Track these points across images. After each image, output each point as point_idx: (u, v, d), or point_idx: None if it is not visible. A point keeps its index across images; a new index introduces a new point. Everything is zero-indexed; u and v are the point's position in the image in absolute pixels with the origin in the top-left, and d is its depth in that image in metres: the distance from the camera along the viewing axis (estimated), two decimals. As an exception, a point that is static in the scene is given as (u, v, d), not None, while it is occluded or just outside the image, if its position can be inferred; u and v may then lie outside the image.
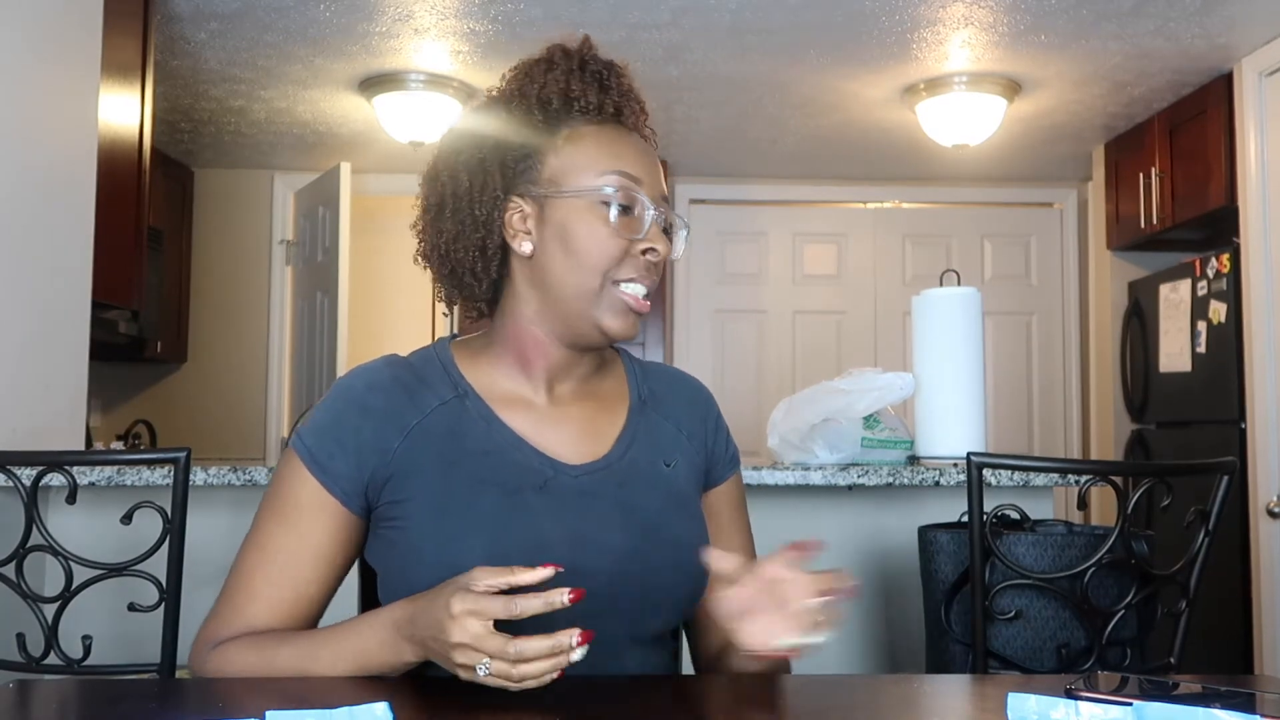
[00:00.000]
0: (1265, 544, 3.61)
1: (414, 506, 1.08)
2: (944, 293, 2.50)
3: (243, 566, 1.11)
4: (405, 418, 1.10)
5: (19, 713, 0.95)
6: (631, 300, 1.10)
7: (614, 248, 1.08)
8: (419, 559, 1.06)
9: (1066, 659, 1.74)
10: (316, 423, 1.11)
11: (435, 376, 1.14)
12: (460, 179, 1.13)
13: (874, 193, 5.46)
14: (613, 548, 1.08)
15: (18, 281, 2.35)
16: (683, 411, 1.23)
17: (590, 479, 1.12)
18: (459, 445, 1.10)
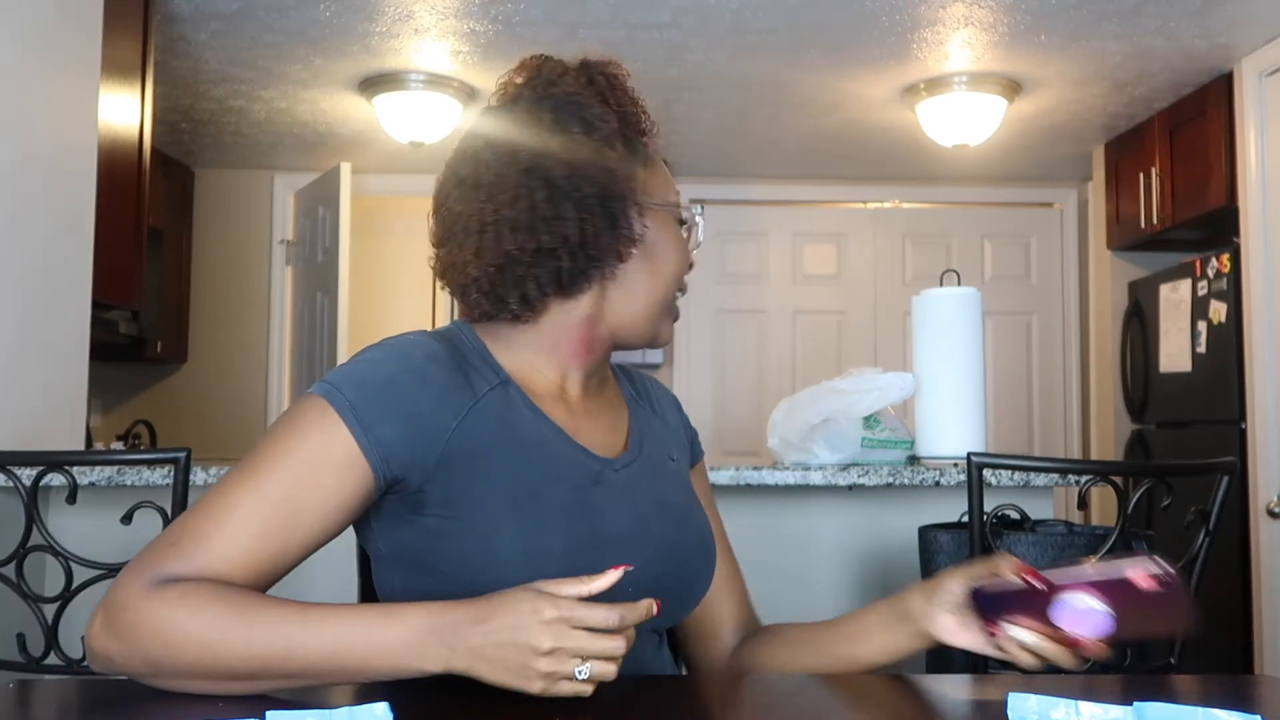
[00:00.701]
0: (1265, 544, 3.61)
1: (473, 495, 1.01)
2: (944, 293, 2.50)
3: (226, 500, 0.96)
4: (462, 397, 1.04)
5: (19, 713, 0.95)
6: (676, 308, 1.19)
7: (686, 261, 1.17)
8: (492, 553, 1.00)
9: (1067, 659, 1.74)
10: (363, 378, 1.01)
11: (475, 359, 1.10)
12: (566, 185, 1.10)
13: (874, 193, 5.47)
14: (658, 540, 1.10)
15: (18, 281, 2.35)
16: (664, 408, 1.28)
17: (629, 473, 1.12)
18: (513, 435, 1.05)
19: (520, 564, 0.99)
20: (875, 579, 2.45)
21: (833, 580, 2.42)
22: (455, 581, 1.00)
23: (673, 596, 1.09)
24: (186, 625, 0.89)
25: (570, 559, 1.00)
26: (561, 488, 1.05)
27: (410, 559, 1.04)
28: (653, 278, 1.14)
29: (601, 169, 1.09)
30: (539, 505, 1.03)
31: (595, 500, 1.07)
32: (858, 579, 2.44)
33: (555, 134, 1.09)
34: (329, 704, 0.87)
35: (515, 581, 0.93)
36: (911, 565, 2.23)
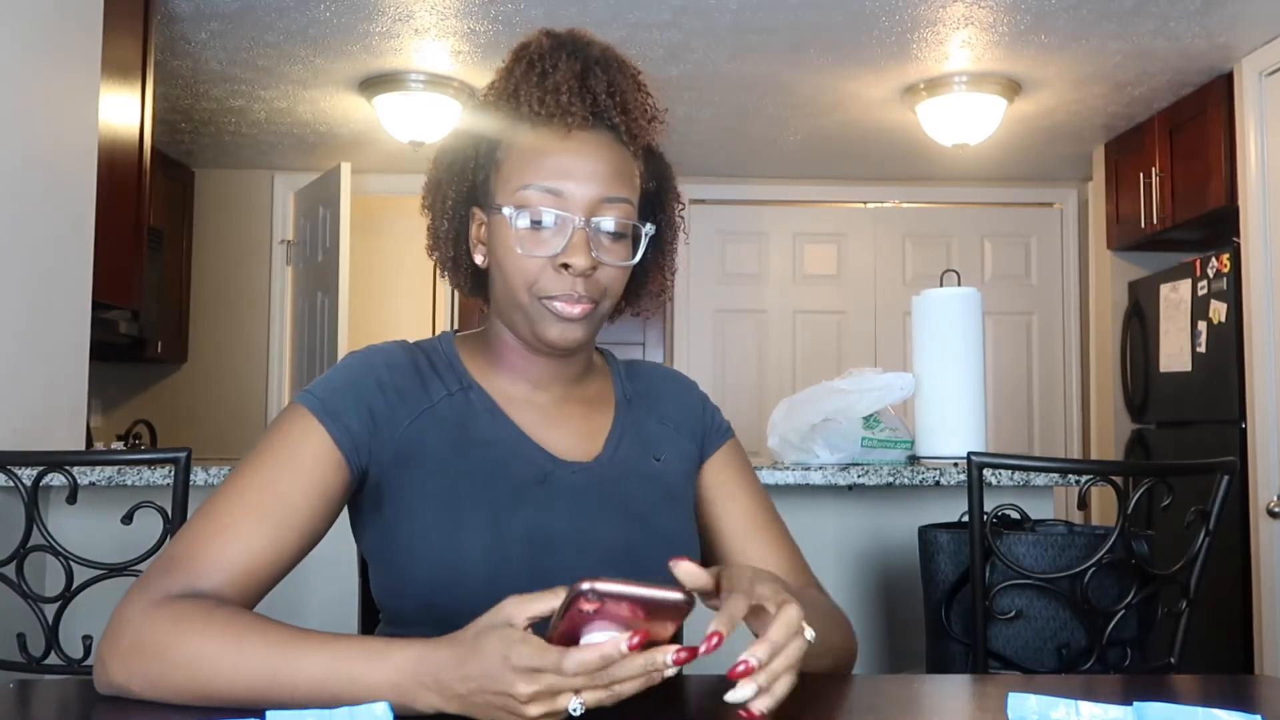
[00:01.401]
0: (1266, 544, 3.61)
1: (418, 493, 1.07)
2: (944, 293, 2.50)
3: (217, 506, 1.00)
4: (416, 401, 1.10)
5: (19, 713, 0.95)
6: (561, 307, 1.07)
7: (528, 265, 1.06)
8: (417, 553, 1.05)
9: (1067, 659, 1.74)
10: (329, 382, 1.09)
11: (442, 368, 1.15)
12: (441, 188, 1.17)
13: (874, 192, 5.47)
14: (608, 542, 1.09)
15: (18, 281, 2.36)
16: (669, 406, 1.25)
17: (586, 475, 1.13)
18: (464, 435, 1.10)
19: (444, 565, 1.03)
20: (875, 579, 2.45)
21: (833, 580, 2.42)
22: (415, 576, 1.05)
23: None
24: (180, 647, 0.90)
25: (498, 562, 1.03)
26: (496, 487, 1.08)
27: (380, 556, 1.10)
28: (504, 284, 1.10)
29: (448, 166, 1.15)
30: (469, 506, 1.06)
31: (534, 499, 1.08)
32: (858, 579, 2.45)
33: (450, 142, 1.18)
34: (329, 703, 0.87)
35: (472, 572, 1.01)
36: (911, 565, 2.23)
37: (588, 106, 1.08)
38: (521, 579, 1.00)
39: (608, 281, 1.08)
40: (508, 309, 1.11)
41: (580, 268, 1.04)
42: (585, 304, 1.07)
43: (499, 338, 1.16)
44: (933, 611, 1.93)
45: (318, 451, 1.04)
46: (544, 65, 1.10)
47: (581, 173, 1.07)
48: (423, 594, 1.05)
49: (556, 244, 1.06)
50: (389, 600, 1.10)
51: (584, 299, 1.06)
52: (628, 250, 1.10)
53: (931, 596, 1.94)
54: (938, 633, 1.90)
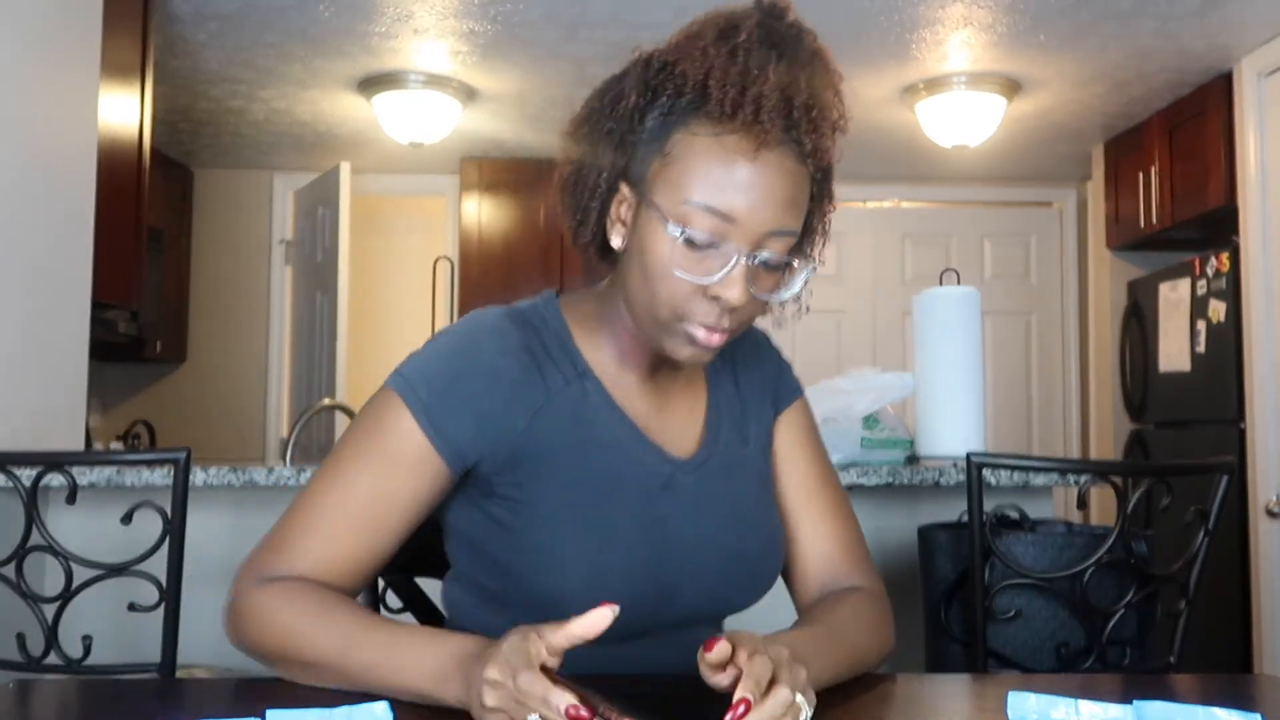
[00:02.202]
0: (1264, 544, 3.61)
1: (534, 495, 1.02)
2: (943, 292, 2.50)
3: (321, 502, 1.02)
4: (534, 395, 1.03)
5: (19, 713, 0.95)
6: (701, 335, 0.99)
7: (681, 287, 0.97)
8: (533, 553, 1.01)
9: (1066, 659, 1.74)
10: (434, 373, 1.02)
11: (556, 349, 1.06)
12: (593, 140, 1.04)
13: (874, 192, 5.46)
14: (725, 548, 1.07)
15: (18, 281, 2.35)
16: (747, 364, 1.19)
17: (701, 474, 1.09)
18: (585, 433, 1.04)
19: (586, 572, 1.00)
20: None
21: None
22: (509, 573, 1.02)
23: (735, 597, 1.09)
24: (275, 620, 0.97)
25: (631, 571, 1.01)
26: (630, 495, 1.04)
27: (474, 541, 1.06)
28: (644, 290, 0.99)
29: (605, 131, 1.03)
30: (604, 514, 1.02)
31: (662, 509, 1.05)
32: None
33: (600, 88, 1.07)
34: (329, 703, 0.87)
35: (571, 586, 0.99)
36: (911, 565, 2.23)
37: (782, 123, 0.96)
38: (640, 587, 1.01)
39: (751, 313, 1.01)
40: (641, 311, 1.01)
41: (733, 302, 0.96)
42: (724, 335, 0.99)
43: (619, 322, 1.07)
44: (932, 611, 1.93)
45: (418, 459, 1.01)
46: (748, 62, 0.97)
47: (757, 200, 0.96)
48: (522, 596, 1.02)
49: (713, 271, 0.96)
50: (480, 583, 1.07)
51: (725, 330, 0.99)
52: (778, 281, 1.02)
53: (931, 596, 1.94)
54: (937, 632, 1.90)
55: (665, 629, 1.06)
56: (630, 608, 0.93)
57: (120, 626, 1.87)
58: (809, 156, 0.99)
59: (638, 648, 1.04)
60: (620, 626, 0.90)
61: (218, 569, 2.35)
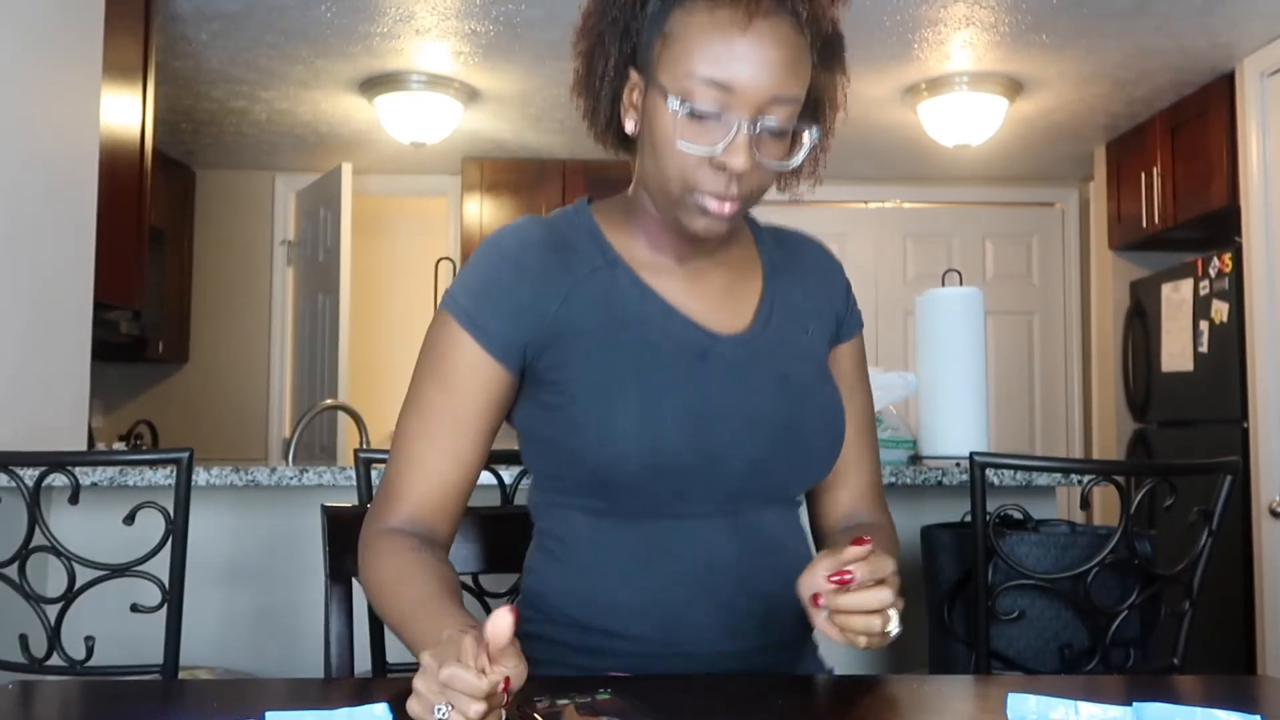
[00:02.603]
0: (1268, 544, 3.61)
1: (575, 374, 1.06)
2: (946, 292, 2.50)
3: (405, 433, 1.09)
4: (561, 281, 1.08)
5: (21, 713, 0.95)
6: (712, 205, 1.03)
7: (685, 159, 1.01)
8: (580, 429, 1.05)
9: (1069, 659, 1.74)
10: (469, 282, 1.09)
11: (583, 242, 1.12)
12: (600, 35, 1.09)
13: (875, 192, 5.46)
14: (771, 417, 1.09)
15: (20, 281, 2.36)
16: (812, 278, 1.21)
17: (744, 348, 1.11)
18: (615, 313, 1.08)
19: (605, 443, 1.03)
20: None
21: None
22: (573, 457, 1.06)
23: (788, 473, 1.11)
24: (371, 579, 1.03)
25: (673, 436, 1.04)
26: (666, 364, 1.07)
27: (538, 436, 1.10)
28: (654, 168, 1.04)
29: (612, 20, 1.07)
30: (642, 384, 1.05)
31: (702, 377, 1.08)
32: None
33: None
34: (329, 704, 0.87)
35: (620, 456, 1.02)
36: (914, 565, 2.23)
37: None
38: (687, 455, 1.04)
39: (761, 180, 1.05)
40: (655, 191, 1.07)
41: (739, 169, 1.00)
42: (735, 203, 1.03)
43: (642, 208, 1.12)
44: (935, 612, 1.93)
45: (474, 363, 1.07)
46: None
47: (754, 68, 0.99)
48: (583, 475, 1.06)
49: (717, 141, 1.00)
50: (548, 473, 1.12)
51: (735, 199, 1.03)
52: (785, 150, 1.05)
53: (934, 596, 1.94)
54: (940, 633, 1.90)
55: (727, 508, 1.09)
56: (681, 476, 1.04)
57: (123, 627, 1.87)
58: (806, 25, 1.02)
59: (704, 527, 1.08)
60: (679, 499, 1.03)
61: (220, 569, 2.35)
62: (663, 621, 1.06)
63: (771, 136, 1.02)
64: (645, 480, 1.04)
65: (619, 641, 1.07)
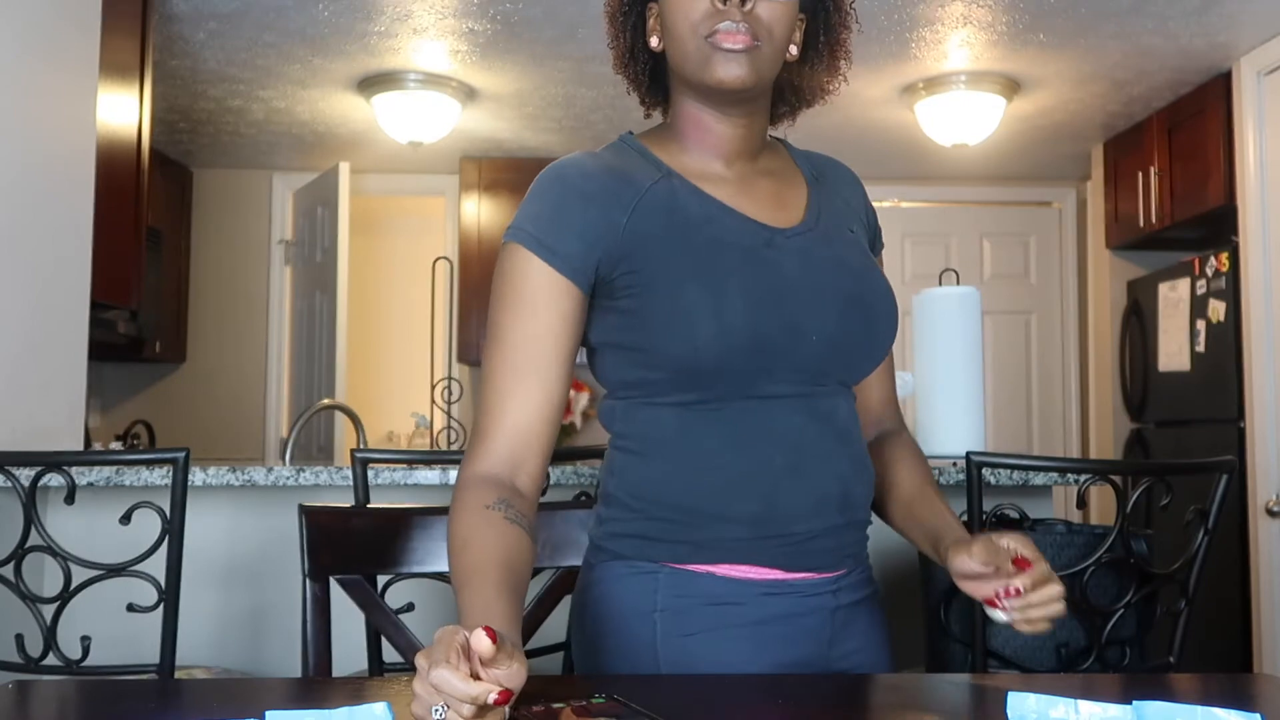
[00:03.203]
0: (1264, 543, 3.61)
1: (651, 276, 1.10)
2: (943, 292, 2.50)
3: (489, 369, 1.12)
4: (625, 196, 1.14)
5: (18, 713, 0.94)
6: (725, 41, 1.10)
7: (691, 8, 1.11)
8: (664, 324, 1.09)
9: (1066, 658, 1.74)
10: (534, 213, 1.14)
11: (636, 163, 1.18)
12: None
13: (873, 192, 5.37)
14: (839, 293, 1.15)
15: (17, 281, 2.35)
16: (847, 189, 1.30)
17: (804, 239, 1.17)
18: (682, 216, 1.14)
19: (695, 325, 1.07)
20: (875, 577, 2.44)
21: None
22: (649, 351, 1.11)
23: (858, 347, 1.17)
24: (450, 533, 1.05)
25: (752, 313, 1.08)
26: (735, 254, 1.12)
27: (616, 343, 1.14)
28: (676, 41, 1.14)
29: None
30: (717, 274, 1.10)
31: (771, 260, 1.13)
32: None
33: None
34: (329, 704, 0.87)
35: (696, 341, 1.07)
36: (912, 564, 2.23)
37: None
38: (768, 330, 1.10)
39: (769, 19, 1.11)
40: (680, 62, 1.14)
41: None
42: (746, 36, 1.09)
43: (681, 115, 1.20)
44: (932, 611, 1.93)
45: (549, 288, 1.11)
46: None
47: None
48: (669, 369, 1.10)
49: None
50: (629, 380, 1.15)
51: (745, 31, 1.09)
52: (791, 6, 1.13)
53: (931, 596, 1.94)
54: (937, 632, 1.90)
55: (806, 390, 1.14)
56: (764, 354, 1.10)
57: (119, 627, 1.87)
58: None
59: (787, 408, 1.13)
60: (763, 378, 1.10)
61: (217, 569, 2.35)
62: (761, 500, 1.11)
63: None
64: (732, 360, 1.08)
65: (720, 525, 1.11)
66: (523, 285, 1.12)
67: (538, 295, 1.11)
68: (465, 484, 1.09)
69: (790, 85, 1.26)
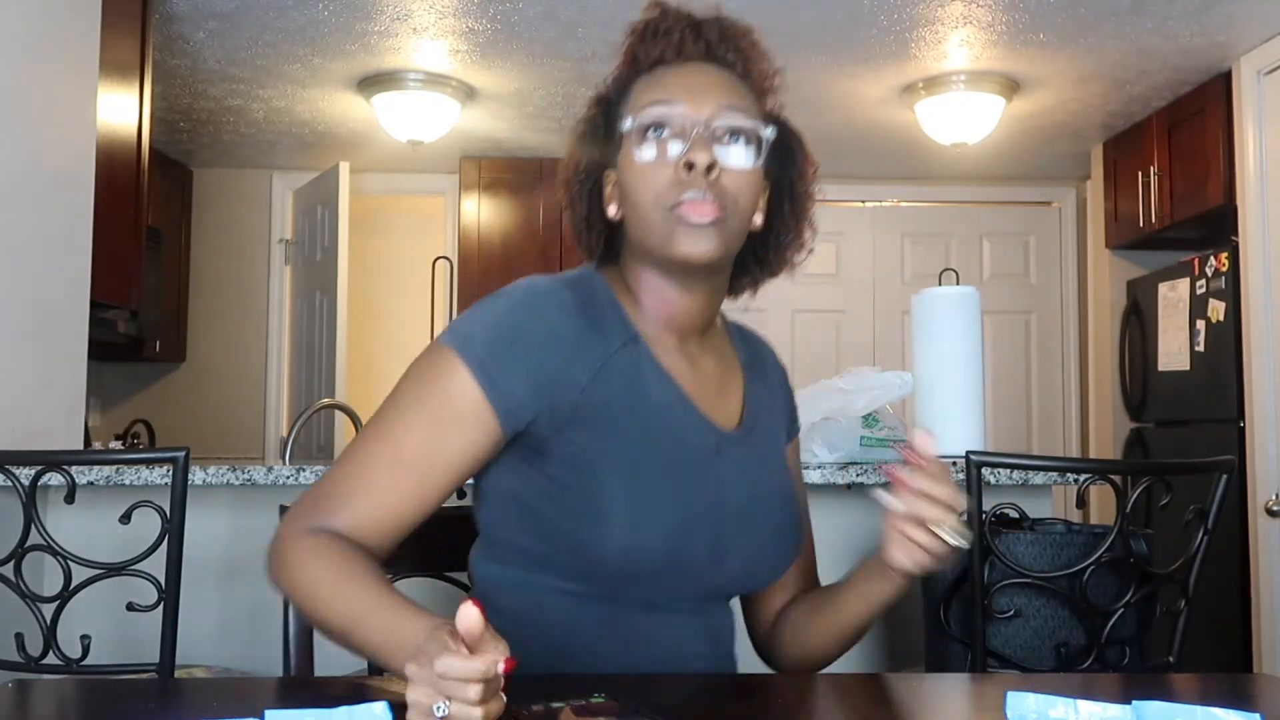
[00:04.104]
0: (1264, 543, 3.61)
1: (597, 458, 1.03)
2: (943, 291, 2.50)
3: (370, 456, 1.02)
4: (595, 354, 1.05)
5: (18, 712, 0.95)
6: (691, 214, 1.03)
7: (655, 176, 1.05)
8: (601, 520, 1.01)
9: (1065, 658, 1.74)
10: (493, 330, 1.03)
11: (609, 311, 1.09)
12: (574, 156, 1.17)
13: (873, 191, 5.46)
14: (770, 523, 1.12)
15: (17, 281, 2.35)
16: (772, 377, 1.25)
17: (745, 447, 1.13)
18: (641, 395, 1.06)
19: (622, 531, 1.01)
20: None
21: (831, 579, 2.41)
22: (561, 534, 1.03)
23: (773, 571, 1.14)
24: (306, 573, 0.97)
25: (681, 531, 1.03)
26: (686, 457, 1.07)
27: (523, 501, 1.06)
28: (637, 211, 1.07)
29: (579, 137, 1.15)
30: (665, 474, 1.05)
31: (718, 473, 1.08)
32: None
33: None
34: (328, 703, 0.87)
35: (616, 547, 1.00)
36: (910, 564, 2.22)
37: (701, 47, 1.11)
38: (702, 551, 1.05)
39: (735, 190, 1.06)
40: (641, 235, 1.07)
41: (702, 163, 1.03)
42: (713, 207, 1.03)
43: (639, 281, 1.12)
44: (931, 610, 1.93)
45: (474, 417, 1.01)
46: (655, 25, 1.13)
47: (699, 85, 1.08)
48: (587, 559, 1.03)
49: (678, 150, 1.05)
50: (527, 548, 1.06)
51: (712, 201, 1.04)
52: (753, 158, 1.08)
53: (930, 595, 1.94)
54: (937, 632, 1.90)
55: (703, 606, 1.10)
56: (679, 572, 1.03)
57: (119, 626, 1.87)
58: (742, 78, 1.12)
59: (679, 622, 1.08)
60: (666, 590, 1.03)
61: (217, 568, 2.35)
62: None
63: (732, 139, 1.07)
64: (643, 573, 1.02)
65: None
66: (445, 399, 1.02)
67: (457, 418, 1.01)
68: (306, 533, 1.00)
69: (753, 256, 1.18)
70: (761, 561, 1.11)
